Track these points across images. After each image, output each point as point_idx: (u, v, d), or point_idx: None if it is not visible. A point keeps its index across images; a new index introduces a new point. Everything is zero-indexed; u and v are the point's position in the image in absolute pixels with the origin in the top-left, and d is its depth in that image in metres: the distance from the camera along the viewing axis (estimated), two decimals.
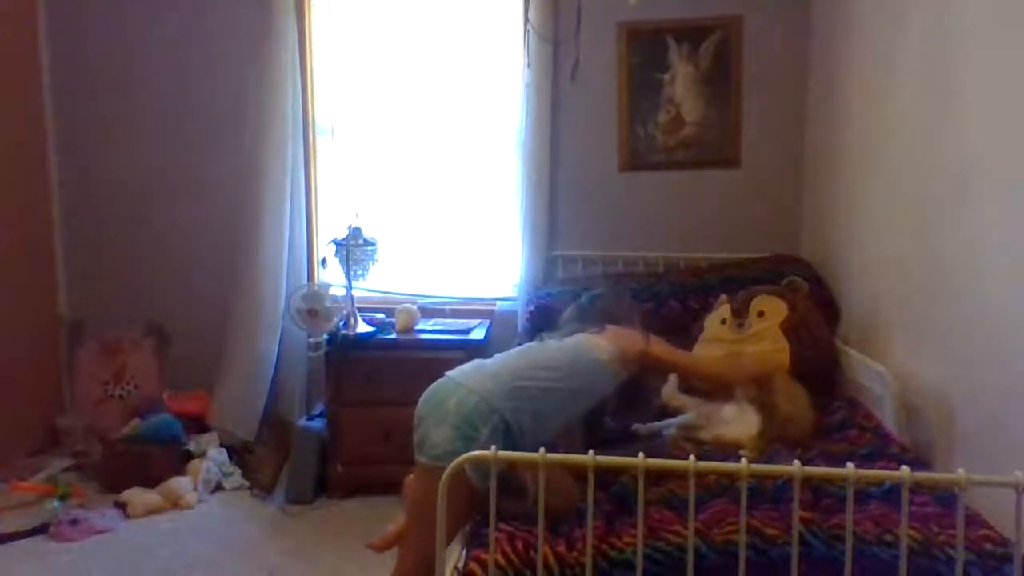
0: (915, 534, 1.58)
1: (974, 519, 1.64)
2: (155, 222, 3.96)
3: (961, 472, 1.33)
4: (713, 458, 1.68)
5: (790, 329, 2.67)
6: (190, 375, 3.83)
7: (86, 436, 3.72)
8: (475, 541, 1.79)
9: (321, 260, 3.81)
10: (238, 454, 3.64)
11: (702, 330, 2.89)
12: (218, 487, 3.48)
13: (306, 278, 3.81)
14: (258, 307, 3.69)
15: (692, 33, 3.60)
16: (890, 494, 1.77)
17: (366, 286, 3.68)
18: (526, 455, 1.53)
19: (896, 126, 2.54)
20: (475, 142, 3.82)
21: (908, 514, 1.38)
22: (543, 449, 1.45)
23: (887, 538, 1.60)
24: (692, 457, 1.42)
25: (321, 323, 3.44)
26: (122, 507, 3.25)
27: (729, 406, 2.39)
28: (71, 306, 4.04)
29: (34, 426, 3.81)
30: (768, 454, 2.14)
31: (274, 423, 3.75)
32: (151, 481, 3.35)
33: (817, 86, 3.47)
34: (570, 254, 3.73)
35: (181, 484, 3.35)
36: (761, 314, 2.74)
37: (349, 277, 3.48)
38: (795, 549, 1.45)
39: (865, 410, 2.43)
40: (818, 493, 1.85)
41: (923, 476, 1.49)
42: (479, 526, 1.82)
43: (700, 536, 1.62)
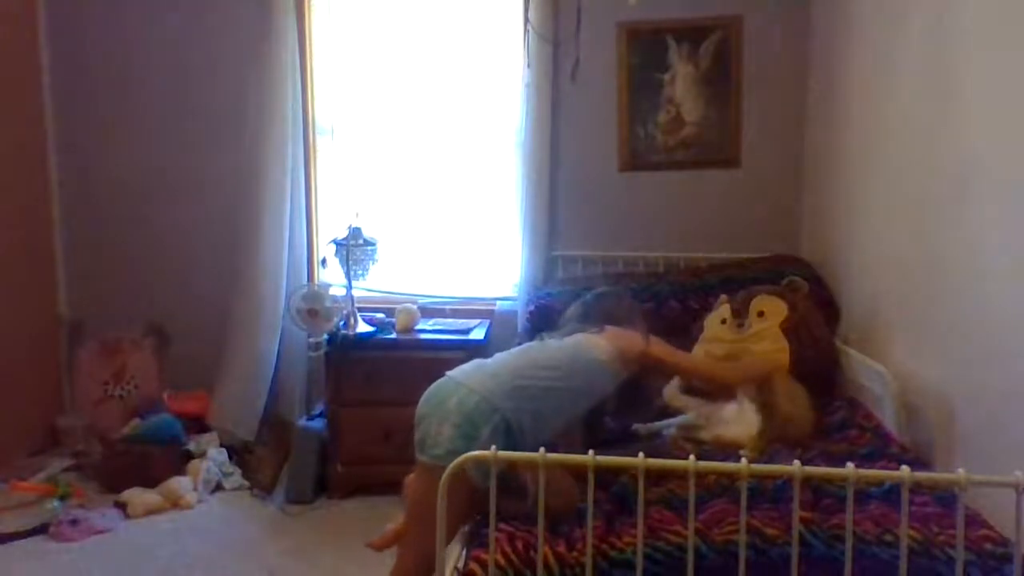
0: (915, 534, 1.58)
1: (974, 519, 1.64)
2: (155, 222, 3.96)
3: (961, 472, 1.33)
4: (713, 458, 1.68)
5: (790, 329, 2.67)
6: (190, 375, 3.83)
7: (86, 436, 3.72)
8: (475, 541, 1.79)
9: (321, 260, 3.81)
10: (238, 454, 3.64)
11: (702, 330, 2.89)
12: (218, 487, 3.48)
13: (306, 278, 3.81)
14: (258, 307, 3.69)
15: (692, 33, 3.60)
16: (890, 494, 1.77)
17: (366, 286, 3.68)
18: (526, 455, 1.53)
19: (896, 126, 2.54)
20: (475, 142, 3.82)
21: (908, 514, 1.38)
22: (543, 449, 1.45)
23: (887, 538, 1.60)
24: (692, 457, 1.42)
25: (321, 323, 3.44)
26: (122, 507, 3.25)
27: (729, 406, 2.39)
28: (71, 306, 4.04)
29: (34, 426, 3.81)
30: (768, 454, 2.14)
31: (274, 423, 3.75)
32: (151, 481, 3.35)
33: (817, 86, 3.47)
34: (570, 254, 3.73)
35: (181, 484, 3.35)
36: (761, 314, 2.74)
37: (349, 277, 3.48)
38: (795, 549, 1.45)
39: (865, 410, 2.43)
40: (818, 493, 1.85)
41: (923, 476, 1.49)
42: (479, 526, 1.82)
43: (700, 536, 1.62)
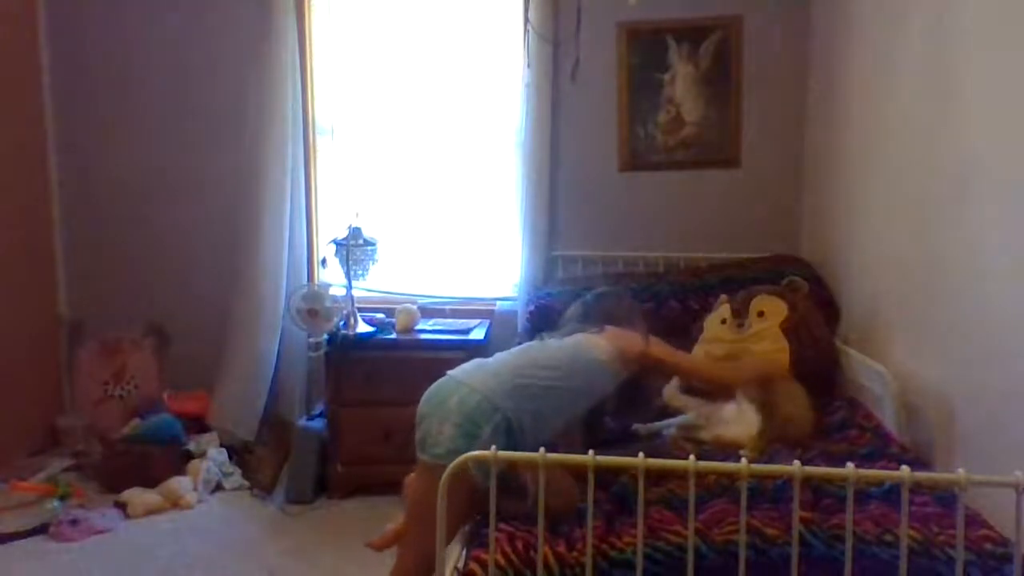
0: (915, 534, 1.58)
1: (974, 519, 1.64)
2: (155, 222, 3.96)
3: (961, 472, 1.33)
4: (713, 458, 1.68)
5: (790, 329, 2.67)
6: (190, 375, 3.83)
7: (86, 436, 3.72)
8: (475, 541, 1.79)
9: (321, 260, 3.81)
10: (238, 454, 3.64)
11: (702, 330, 2.89)
12: (218, 487, 3.48)
13: (306, 278, 3.81)
14: (258, 307, 3.69)
15: (692, 33, 3.60)
16: (890, 494, 1.77)
17: (366, 286, 3.68)
18: (526, 455, 1.53)
19: (896, 126, 2.54)
20: (475, 142, 3.82)
21: (908, 514, 1.38)
22: (543, 449, 1.45)
23: (887, 538, 1.59)
24: (692, 457, 1.42)
25: (321, 323, 3.44)
26: (122, 507, 3.25)
27: (729, 406, 2.39)
28: (71, 306, 4.04)
29: (34, 426, 3.81)
30: (768, 454, 2.14)
31: (274, 423, 3.75)
32: (151, 481, 3.35)
33: (817, 86, 3.47)
34: (570, 254, 3.73)
35: (181, 484, 3.35)
36: (761, 314, 2.74)
37: (349, 277, 3.48)
38: (795, 549, 1.45)
39: (865, 410, 2.43)
40: (818, 493, 1.85)
41: (923, 476, 1.49)
42: (479, 526, 1.82)
43: (700, 536, 1.62)
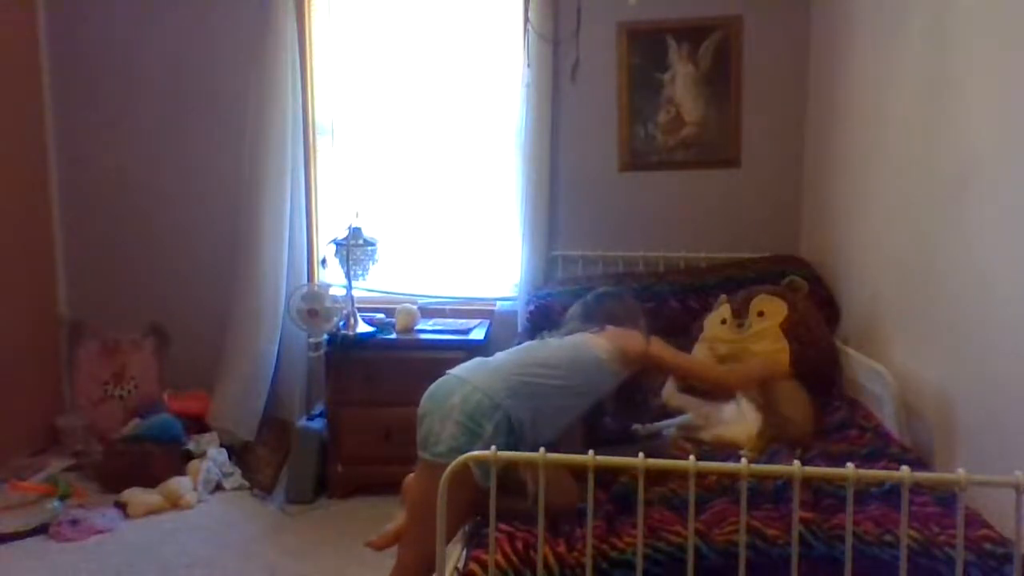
0: (915, 534, 1.58)
1: (974, 519, 1.64)
2: (155, 222, 3.97)
3: (961, 472, 1.33)
4: (713, 458, 1.68)
5: (790, 329, 2.66)
6: (190, 375, 3.83)
7: (86, 436, 3.72)
8: (475, 541, 1.79)
9: (321, 260, 3.81)
10: (238, 454, 3.64)
11: (702, 330, 2.89)
12: (218, 487, 3.48)
13: (306, 278, 3.81)
14: (258, 307, 3.69)
15: (692, 33, 3.60)
16: (890, 494, 1.77)
17: (366, 286, 3.68)
18: (526, 455, 1.53)
19: (896, 126, 2.54)
20: (475, 142, 3.82)
21: (908, 514, 1.38)
22: (543, 449, 1.45)
23: (887, 538, 1.59)
24: (692, 457, 1.42)
25: (321, 323, 3.44)
26: (122, 507, 3.25)
27: (729, 406, 2.39)
28: (71, 306, 4.04)
29: (34, 426, 3.81)
30: (768, 454, 2.14)
31: (274, 423, 3.75)
32: (151, 481, 3.35)
33: (817, 86, 3.47)
34: (570, 254, 3.72)
35: (181, 484, 3.35)
36: (761, 314, 2.74)
37: (349, 277, 3.48)
38: (795, 549, 1.45)
39: (865, 410, 2.43)
40: (818, 493, 1.84)
41: (923, 476, 1.49)
42: (479, 526, 1.82)
43: (700, 536, 1.62)
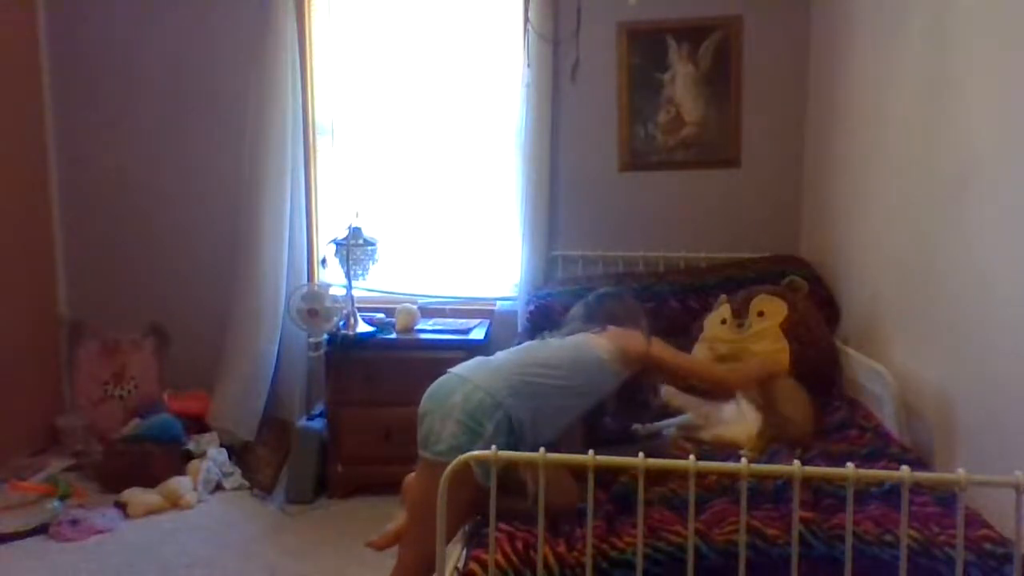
0: (915, 534, 1.58)
1: (974, 519, 1.64)
2: (155, 222, 3.97)
3: (961, 472, 1.33)
4: (713, 458, 1.68)
5: (790, 329, 2.67)
6: (190, 375, 3.83)
7: (86, 436, 3.72)
8: (475, 541, 1.79)
9: (321, 260, 3.81)
10: (238, 454, 3.64)
11: (702, 330, 2.89)
12: (218, 487, 3.48)
13: (306, 278, 3.81)
14: (258, 307, 3.69)
15: (692, 33, 3.60)
16: (890, 494, 1.77)
17: (366, 286, 3.68)
18: (526, 455, 1.53)
19: (896, 126, 2.54)
20: (475, 142, 3.82)
21: (908, 514, 1.38)
22: (543, 449, 1.45)
23: (887, 538, 1.59)
24: (692, 457, 1.42)
25: (321, 323, 3.44)
26: (122, 507, 3.25)
27: (729, 406, 2.39)
28: (71, 306, 4.04)
29: (34, 426, 3.81)
30: (768, 454, 2.14)
31: (274, 423, 3.75)
32: (151, 481, 3.35)
33: (817, 86, 3.47)
34: (570, 254, 3.72)
35: (181, 484, 3.35)
36: (761, 314, 2.74)
37: (349, 277, 3.48)
38: (795, 549, 1.45)
39: (865, 410, 2.43)
40: (818, 493, 1.84)
41: (923, 476, 1.49)
42: (479, 526, 1.82)
43: (700, 536, 1.62)
